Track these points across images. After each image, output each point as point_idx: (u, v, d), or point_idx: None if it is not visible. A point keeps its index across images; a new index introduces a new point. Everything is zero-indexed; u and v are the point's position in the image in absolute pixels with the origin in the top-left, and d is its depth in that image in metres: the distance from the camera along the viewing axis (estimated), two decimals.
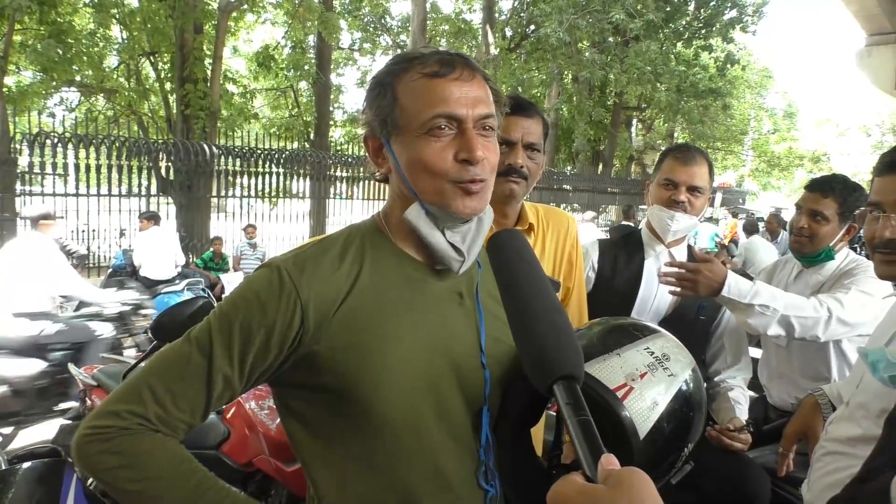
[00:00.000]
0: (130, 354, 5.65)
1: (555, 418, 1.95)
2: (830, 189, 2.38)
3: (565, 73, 20.03)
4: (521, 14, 19.43)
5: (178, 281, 8.05)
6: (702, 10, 19.37)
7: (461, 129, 1.05)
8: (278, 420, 2.75)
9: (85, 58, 13.35)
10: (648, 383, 1.05)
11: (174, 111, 13.87)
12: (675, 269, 2.09)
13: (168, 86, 15.08)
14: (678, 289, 2.09)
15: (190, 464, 1.02)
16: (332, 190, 13.90)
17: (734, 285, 2.06)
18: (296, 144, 16.21)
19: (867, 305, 2.18)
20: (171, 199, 12.08)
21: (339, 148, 16.94)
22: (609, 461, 0.65)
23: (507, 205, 1.85)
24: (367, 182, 13.91)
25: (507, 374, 1.15)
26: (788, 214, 16.56)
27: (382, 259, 1.11)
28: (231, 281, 9.07)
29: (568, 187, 18.89)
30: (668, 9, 18.33)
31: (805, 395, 2.02)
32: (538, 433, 1.83)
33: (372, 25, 20.15)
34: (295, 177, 12.98)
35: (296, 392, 1.08)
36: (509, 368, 1.16)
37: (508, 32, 19.79)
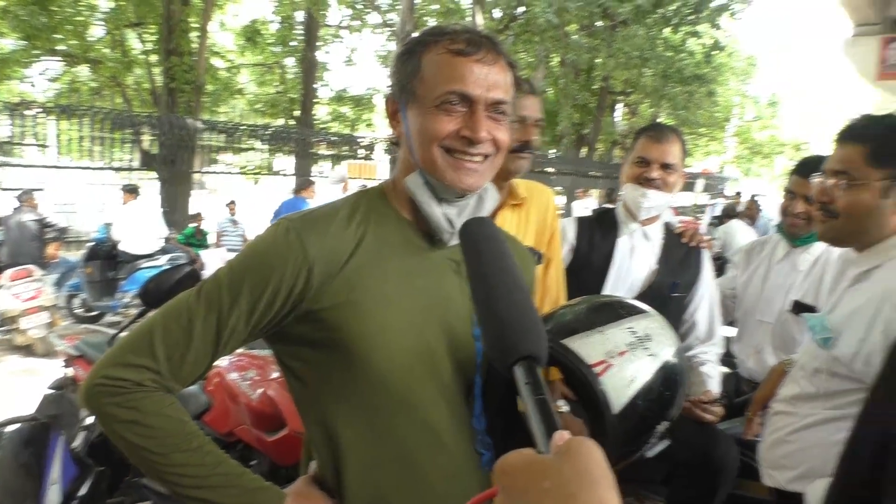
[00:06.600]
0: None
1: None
2: None
3: (552, 55, 19.96)
4: None
5: (158, 256, 8.00)
6: None
7: (472, 109, 1.08)
8: (260, 390, 2.80)
9: (68, 26, 13.13)
10: (627, 361, 1.09)
11: (159, 84, 13.71)
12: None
13: (153, 58, 14.88)
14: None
15: (191, 426, 1.07)
16: (316, 168, 13.85)
17: None
18: (281, 121, 16.07)
19: None
20: (153, 174, 11.99)
21: (323, 126, 16.84)
22: (562, 437, 0.64)
23: (507, 179, 1.96)
24: (351, 160, 13.86)
25: None
26: (766, 200, 16.72)
27: (386, 224, 1.15)
28: (211, 257, 9.04)
29: (551, 170, 18.92)
30: None
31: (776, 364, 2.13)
32: None
33: (361, 3, 19.91)
34: (279, 153, 12.90)
35: (294, 349, 1.12)
36: None
37: (497, 13, 19.65)
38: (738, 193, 19.41)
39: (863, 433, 1.20)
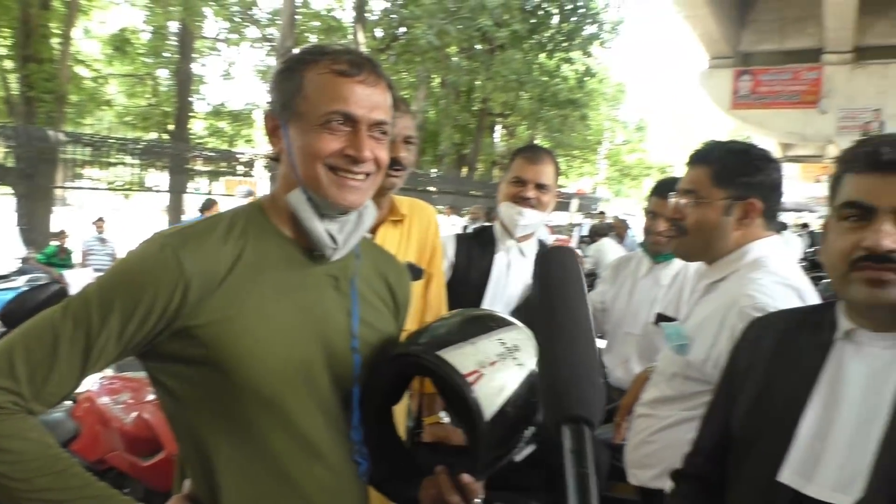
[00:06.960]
0: None
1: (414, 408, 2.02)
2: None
3: (433, 76, 20.36)
4: (393, 15, 19.52)
5: (15, 277, 7.45)
6: (564, 25, 20.34)
7: (355, 129, 1.11)
8: (134, 414, 2.68)
9: None
10: (497, 370, 1.13)
11: (14, 92, 12.77)
12: None
13: (7, 64, 13.84)
14: None
15: (56, 449, 1.02)
16: (192, 184, 13.35)
17: None
18: (154, 135, 15.41)
19: None
20: (8, 189, 11.13)
21: (200, 140, 16.28)
22: None
23: (384, 196, 1.97)
24: (229, 177, 13.49)
25: (378, 359, 1.22)
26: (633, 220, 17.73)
27: (264, 240, 1.15)
28: (77, 278, 8.48)
29: (432, 189, 19.23)
30: (532, 21, 19.10)
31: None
32: (400, 418, 1.92)
33: (239, 16, 19.47)
34: (152, 169, 12.35)
35: (168, 366, 1.10)
36: (381, 353, 1.23)
37: (379, 33, 19.81)
38: (602, 213, 20.49)
39: (707, 432, 1.32)
